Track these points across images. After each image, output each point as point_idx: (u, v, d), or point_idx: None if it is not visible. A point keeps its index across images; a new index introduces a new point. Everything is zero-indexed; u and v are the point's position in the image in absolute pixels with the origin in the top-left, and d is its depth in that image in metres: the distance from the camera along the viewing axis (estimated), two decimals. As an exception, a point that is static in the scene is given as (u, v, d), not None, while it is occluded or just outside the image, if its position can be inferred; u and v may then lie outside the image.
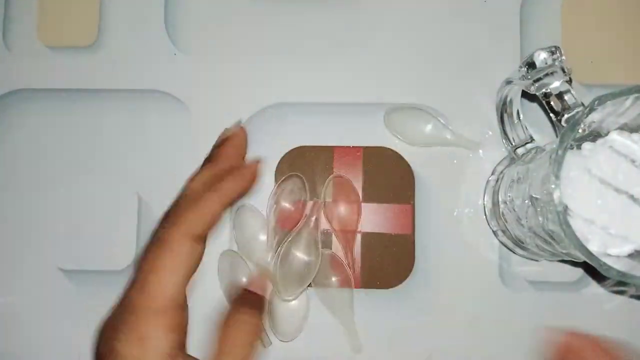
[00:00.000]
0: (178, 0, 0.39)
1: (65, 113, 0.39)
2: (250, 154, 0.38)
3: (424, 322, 0.36)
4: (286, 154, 0.37)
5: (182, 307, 0.25)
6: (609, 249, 0.28)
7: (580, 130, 0.29)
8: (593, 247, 0.28)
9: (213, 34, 0.39)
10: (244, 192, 0.28)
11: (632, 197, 0.29)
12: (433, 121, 0.37)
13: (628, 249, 0.28)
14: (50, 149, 0.38)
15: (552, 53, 0.29)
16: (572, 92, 0.28)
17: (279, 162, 0.37)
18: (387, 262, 0.36)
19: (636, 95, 0.26)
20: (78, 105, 0.39)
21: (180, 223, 0.25)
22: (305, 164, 0.37)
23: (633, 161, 0.29)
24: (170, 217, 0.26)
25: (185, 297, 0.25)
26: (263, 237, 0.36)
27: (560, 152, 0.26)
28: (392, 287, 0.36)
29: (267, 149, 0.38)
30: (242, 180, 0.28)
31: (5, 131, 0.39)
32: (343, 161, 0.37)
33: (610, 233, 0.28)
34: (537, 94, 0.29)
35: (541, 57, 0.28)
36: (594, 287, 0.36)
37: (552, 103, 0.28)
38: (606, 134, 0.30)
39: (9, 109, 0.39)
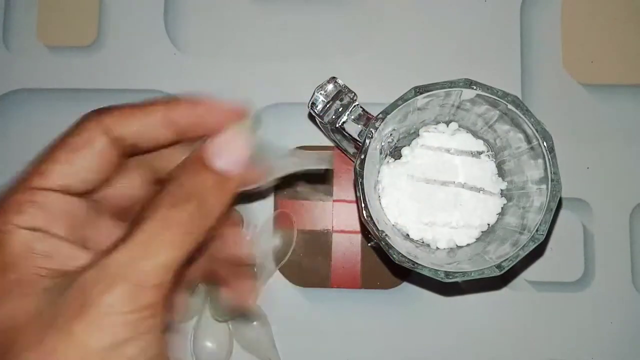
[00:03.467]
0: (178, 0, 0.39)
1: (65, 113, 0.39)
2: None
3: (424, 322, 0.36)
4: (286, 154, 0.38)
5: None
6: (439, 242, 0.30)
7: (389, 142, 0.32)
8: (442, 245, 0.31)
9: (213, 34, 0.39)
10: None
11: (444, 183, 0.32)
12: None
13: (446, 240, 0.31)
14: (50, 149, 0.38)
15: (328, 86, 0.30)
16: (360, 111, 0.30)
17: (279, 162, 0.37)
18: (387, 262, 0.36)
19: (408, 102, 0.28)
20: (78, 105, 0.39)
21: None
22: (305, 164, 0.37)
23: (447, 150, 0.31)
24: None
25: None
26: None
27: (360, 180, 0.27)
28: (392, 287, 0.36)
29: (267, 149, 0.38)
30: None
31: (5, 131, 0.39)
32: (343, 161, 0.37)
33: (424, 222, 0.31)
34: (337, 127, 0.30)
35: (320, 99, 0.30)
36: (594, 287, 0.36)
37: (349, 131, 0.30)
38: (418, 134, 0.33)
39: (9, 109, 0.39)
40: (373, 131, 0.28)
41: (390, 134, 0.31)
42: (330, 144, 0.37)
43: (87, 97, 0.39)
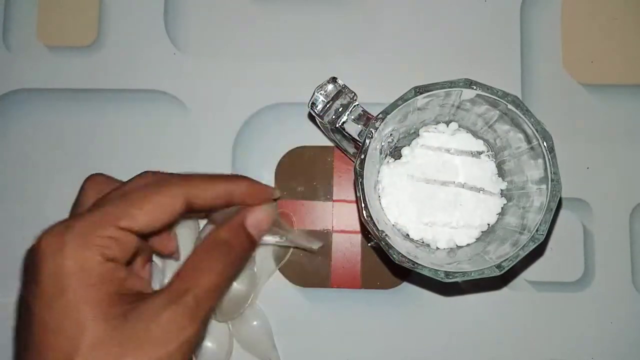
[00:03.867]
0: (178, 0, 0.39)
1: (65, 113, 0.39)
2: (251, 154, 0.38)
3: (424, 322, 0.36)
4: (286, 154, 0.38)
5: None
6: (439, 242, 0.30)
7: (389, 142, 0.32)
8: (442, 245, 0.31)
9: (213, 34, 0.39)
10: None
11: (445, 183, 0.32)
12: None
13: (445, 240, 0.31)
14: (50, 149, 0.38)
15: (330, 84, 0.30)
16: (360, 111, 0.30)
17: (279, 162, 0.37)
18: (387, 262, 0.36)
19: (408, 102, 0.28)
20: (78, 105, 0.39)
21: None
22: (305, 164, 0.37)
23: (447, 150, 0.31)
24: None
25: None
26: None
27: (361, 180, 0.28)
28: (392, 287, 0.36)
29: (267, 149, 0.38)
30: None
31: (5, 131, 0.39)
32: (343, 161, 0.37)
33: (424, 222, 0.31)
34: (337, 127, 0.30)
35: (320, 99, 0.30)
36: (594, 287, 0.36)
37: (349, 131, 0.30)
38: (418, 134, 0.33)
39: (9, 109, 0.39)
40: (373, 131, 0.28)
41: (390, 134, 0.32)
42: (330, 144, 0.37)
43: (87, 97, 0.39)
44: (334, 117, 0.29)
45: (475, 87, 0.27)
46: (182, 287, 0.26)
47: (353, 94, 0.30)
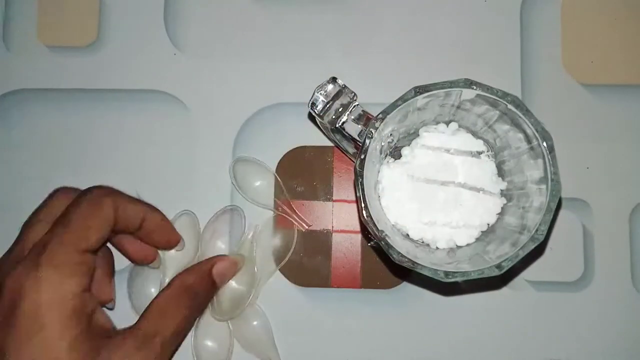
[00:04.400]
0: (178, 0, 0.39)
1: (65, 113, 0.39)
2: (251, 154, 0.38)
3: (424, 322, 0.36)
4: (286, 154, 0.38)
5: None
6: (438, 242, 0.30)
7: (389, 142, 0.32)
8: (442, 245, 0.31)
9: (213, 34, 0.39)
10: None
11: (445, 183, 0.32)
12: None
13: (445, 240, 0.31)
14: (50, 149, 0.38)
15: (330, 84, 0.30)
16: (360, 111, 0.30)
17: (279, 162, 0.37)
18: (387, 262, 0.36)
19: (408, 102, 0.28)
20: (78, 105, 0.39)
21: None
22: (305, 164, 0.37)
23: (447, 150, 0.31)
24: None
25: None
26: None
27: (360, 180, 0.28)
28: (392, 287, 0.36)
29: (267, 149, 0.38)
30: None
31: (5, 131, 0.39)
32: (343, 161, 0.37)
33: (424, 221, 0.31)
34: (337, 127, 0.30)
35: (320, 99, 0.30)
36: (593, 287, 0.36)
37: (349, 131, 0.30)
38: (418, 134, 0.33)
39: (9, 109, 0.39)
40: (373, 131, 0.28)
41: (390, 134, 0.32)
42: (330, 144, 0.37)
43: (87, 97, 0.39)
44: (334, 117, 0.29)
45: (475, 87, 0.27)
46: (150, 331, 0.27)
47: (353, 94, 0.30)
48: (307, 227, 0.37)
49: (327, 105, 0.29)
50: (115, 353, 0.26)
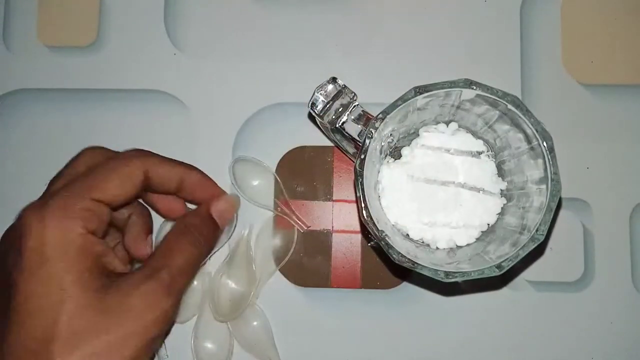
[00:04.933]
0: (178, 0, 0.39)
1: (65, 113, 0.39)
2: (251, 154, 0.38)
3: (424, 322, 0.36)
4: (286, 154, 0.38)
5: None
6: (439, 242, 0.30)
7: (389, 142, 0.32)
8: (442, 245, 0.31)
9: (213, 34, 0.39)
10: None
11: (445, 183, 0.32)
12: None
13: (445, 241, 0.31)
14: (50, 149, 0.38)
15: (330, 85, 0.30)
16: (360, 111, 0.30)
17: (278, 162, 0.37)
18: (387, 262, 0.36)
19: (408, 102, 0.28)
20: (78, 105, 0.39)
21: None
22: (305, 164, 0.37)
23: (447, 150, 0.31)
24: None
25: None
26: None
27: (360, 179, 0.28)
28: (392, 287, 0.36)
29: (267, 149, 0.38)
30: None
31: (5, 131, 0.39)
32: (343, 161, 0.37)
33: (424, 222, 0.31)
34: (337, 127, 0.30)
35: (320, 99, 0.30)
36: (594, 287, 0.36)
37: (349, 131, 0.30)
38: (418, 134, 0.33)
39: (9, 109, 0.39)
40: (373, 131, 0.28)
41: (390, 134, 0.31)
42: (330, 144, 0.37)
43: (87, 97, 0.39)
44: (334, 117, 0.29)
45: (475, 87, 0.27)
46: (158, 265, 0.28)
47: (353, 94, 0.30)
48: (305, 228, 0.37)
49: (327, 105, 0.29)
50: (122, 287, 0.26)
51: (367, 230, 0.28)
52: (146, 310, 0.26)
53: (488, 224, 0.32)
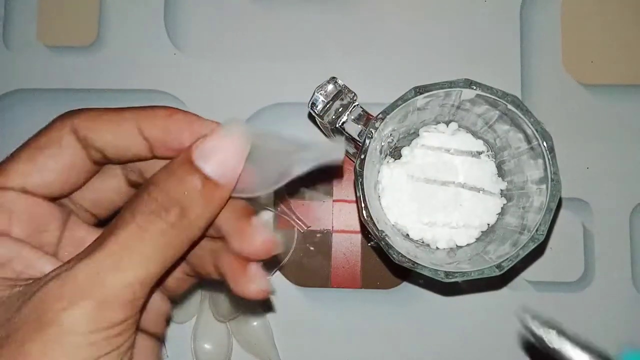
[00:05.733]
0: (178, 0, 0.39)
1: (65, 113, 0.39)
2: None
3: (424, 322, 0.36)
4: (286, 154, 0.37)
5: None
6: (439, 242, 0.30)
7: (389, 142, 0.32)
8: (442, 245, 0.31)
9: (213, 34, 0.39)
10: None
11: (445, 183, 0.32)
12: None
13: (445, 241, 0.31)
14: (50, 149, 0.38)
15: (329, 86, 0.30)
16: (360, 111, 0.30)
17: (279, 162, 0.37)
18: (387, 262, 0.36)
19: (408, 102, 0.28)
20: (78, 105, 0.39)
21: None
22: (305, 164, 0.37)
23: (447, 150, 0.31)
24: None
25: None
26: None
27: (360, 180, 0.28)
28: (392, 287, 0.36)
29: (267, 149, 0.38)
30: None
31: (5, 131, 0.39)
32: (343, 161, 0.37)
33: (424, 221, 0.31)
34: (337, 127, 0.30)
35: (320, 99, 0.30)
36: (594, 287, 0.36)
37: (349, 131, 0.30)
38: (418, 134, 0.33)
39: (8, 109, 0.39)
40: (373, 131, 0.28)
41: (390, 134, 0.31)
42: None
43: (87, 97, 0.39)
44: (334, 117, 0.29)
45: (475, 87, 0.27)
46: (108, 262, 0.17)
47: (353, 94, 0.30)
48: (305, 228, 0.36)
49: (327, 106, 0.29)
50: (24, 307, 0.16)
51: (367, 230, 0.28)
52: None
53: (488, 224, 0.32)
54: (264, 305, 0.36)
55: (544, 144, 0.27)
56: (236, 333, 0.36)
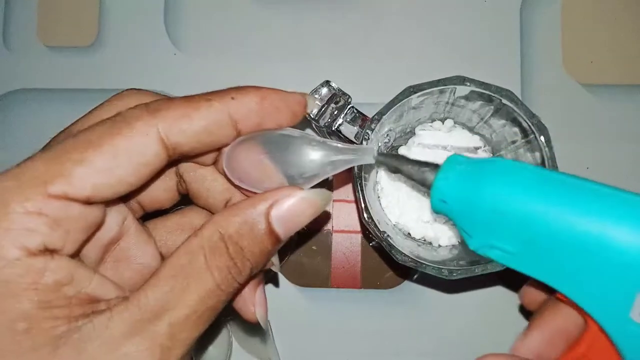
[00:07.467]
0: (178, 0, 0.39)
1: (65, 113, 0.39)
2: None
3: (424, 322, 0.36)
4: (286, 153, 0.37)
5: None
6: (441, 240, 0.30)
7: (385, 142, 0.32)
8: (444, 242, 0.31)
9: (213, 34, 0.39)
10: None
11: None
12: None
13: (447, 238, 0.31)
14: (50, 149, 0.38)
15: (323, 88, 0.30)
16: (355, 113, 0.30)
17: (278, 162, 0.37)
18: (388, 261, 0.36)
19: (403, 102, 0.28)
20: (78, 105, 0.39)
21: None
22: (305, 164, 0.37)
23: (444, 147, 0.31)
24: None
25: None
26: None
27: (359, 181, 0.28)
28: (392, 287, 0.36)
29: (267, 149, 0.38)
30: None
31: (5, 131, 0.39)
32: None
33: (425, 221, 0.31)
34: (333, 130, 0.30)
35: (316, 102, 0.30)
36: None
37: (345, 134, 0.30)
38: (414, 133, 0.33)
39: (8, 109, 0.39)
40: (369, 132, 0.28)
41: (387, 134, 0.31)
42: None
43: (87, 97, 0.39)
44: (329, 120, 0.29)
45: (468, 84, 0.27)
46: (155, 305, 0.17)
47: (347, 96, 0.30)
48: (305, 229, 0.36)
49: (322, 109, 0.29)
50: (86, 344, 0.15)
51: (368, 230, 0.27)
52: None
53: None
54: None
55: (541, 137, 0.27)
56: (236, 333, 0.36)
